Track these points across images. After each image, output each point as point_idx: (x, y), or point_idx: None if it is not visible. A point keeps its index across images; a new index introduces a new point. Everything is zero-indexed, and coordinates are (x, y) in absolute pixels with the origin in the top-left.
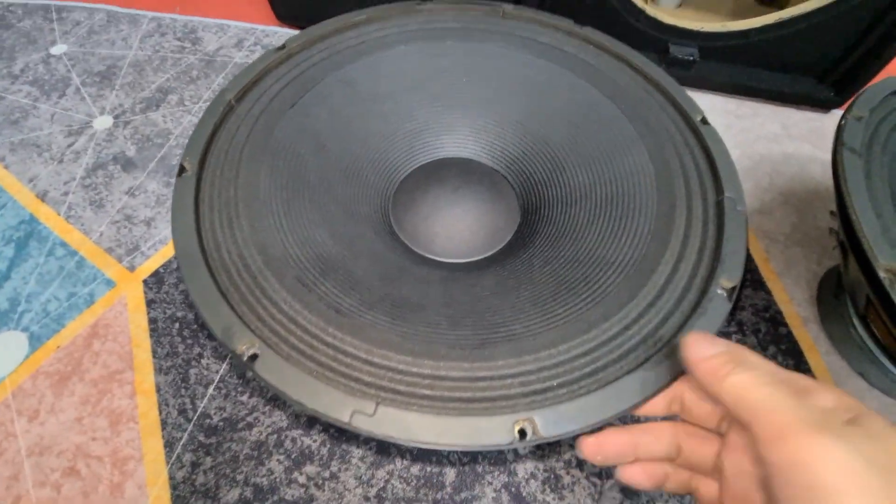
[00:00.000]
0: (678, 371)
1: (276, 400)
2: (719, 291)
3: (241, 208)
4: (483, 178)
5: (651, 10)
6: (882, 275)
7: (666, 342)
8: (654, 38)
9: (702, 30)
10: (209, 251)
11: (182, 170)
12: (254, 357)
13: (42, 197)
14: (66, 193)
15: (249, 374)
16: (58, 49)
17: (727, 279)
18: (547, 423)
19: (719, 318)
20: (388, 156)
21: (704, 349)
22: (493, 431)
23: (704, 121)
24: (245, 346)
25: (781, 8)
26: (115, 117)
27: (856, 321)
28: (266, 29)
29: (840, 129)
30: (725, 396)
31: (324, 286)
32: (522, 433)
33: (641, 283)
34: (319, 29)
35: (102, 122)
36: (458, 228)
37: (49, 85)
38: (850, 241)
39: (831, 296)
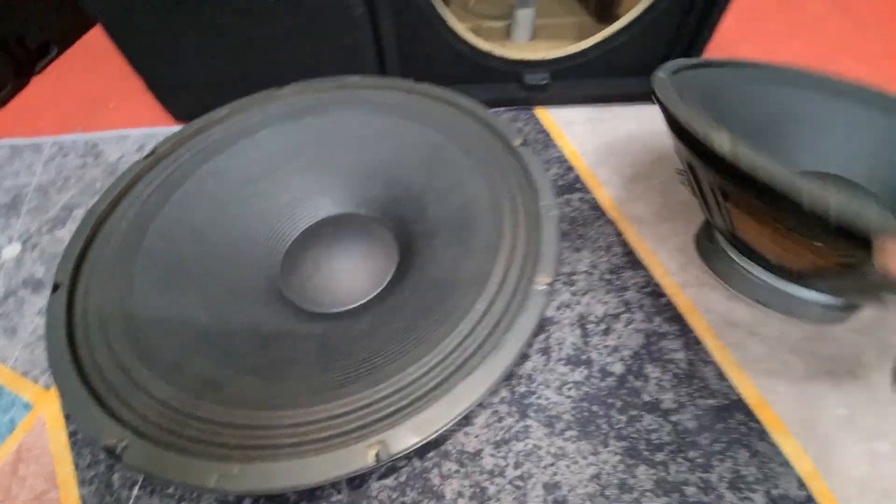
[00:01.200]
0: (507, 367)
1: None
2: (539, 287)
3: (114, 310)
4: (359, 228)
5: (499, 51)
6: (724, 149)
7: (496, 345)
8: (509, 72)
9: (546, 58)
10: (83, 357)
11: (55, 287)
12: (126, 448)
13: None
14: None
15: (120, 466)
16: None
17: (544, 275)
18: (395, 441)
19: (539, 310)
20: (272, 228)
21: None
22: (349, 460)
23: (524, 143)
24: (115, 439)
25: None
26: (24, 242)
27: (732, 254)
28: (166, 130)
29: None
30: None
31: (199, 363)
32: (379, 455)
33: (478, 294)
34: (186, 130)
35: (11, 251)
36: (339, 279)
37: None
38: (691, 147)
39: (707, 241)
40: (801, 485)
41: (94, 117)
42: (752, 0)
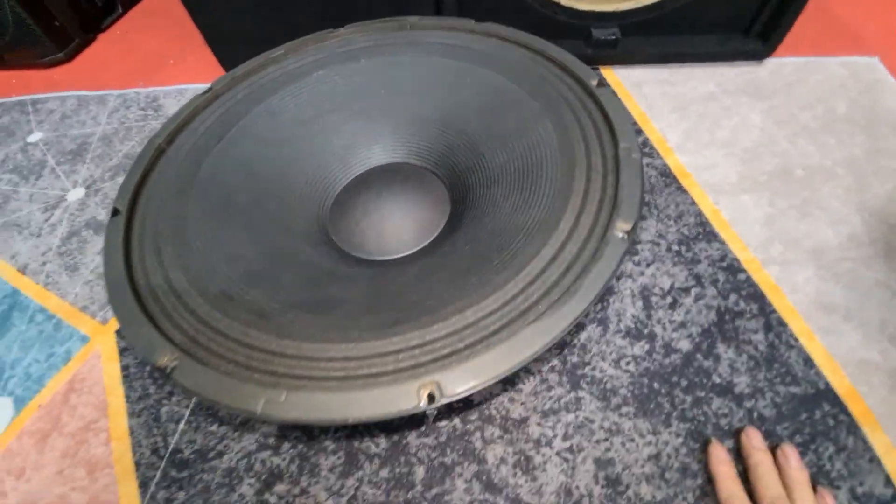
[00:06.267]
0: (575, 317)
1: (245, 424)
2: (618, 234)
3: (168, 237)
4: (411, 177)
5: (566, 1)
6: None
7: (566, 290)
8: (575, 26)
9: (618, 10)
10: (137, 279)
11: (115, 212)
12: (177, 368)
13: (23, 270)
14: (43, 264)
15: (172, 385)
16: (34, 137)
17: (624, 221)
18: (451, 383)
19: (616, 258)
20: (322, 171)
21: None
22: (399, 398)
23: (601, 83)
24: (166, 358)
25: None
26: (87, 187)
27: None
28: None
29: None
30: None
31: (249, 295)
32: (431, 397)
33: (545, 240)
34: (242, 68)
35: (75, 194)
36: (389, 227)
37: (27, 170)
38: None
39: None
40: (889, 482)
41: (155, 73)
42: None
